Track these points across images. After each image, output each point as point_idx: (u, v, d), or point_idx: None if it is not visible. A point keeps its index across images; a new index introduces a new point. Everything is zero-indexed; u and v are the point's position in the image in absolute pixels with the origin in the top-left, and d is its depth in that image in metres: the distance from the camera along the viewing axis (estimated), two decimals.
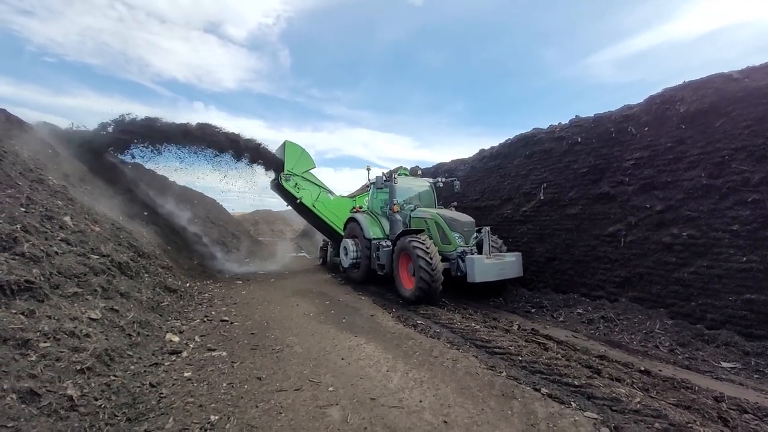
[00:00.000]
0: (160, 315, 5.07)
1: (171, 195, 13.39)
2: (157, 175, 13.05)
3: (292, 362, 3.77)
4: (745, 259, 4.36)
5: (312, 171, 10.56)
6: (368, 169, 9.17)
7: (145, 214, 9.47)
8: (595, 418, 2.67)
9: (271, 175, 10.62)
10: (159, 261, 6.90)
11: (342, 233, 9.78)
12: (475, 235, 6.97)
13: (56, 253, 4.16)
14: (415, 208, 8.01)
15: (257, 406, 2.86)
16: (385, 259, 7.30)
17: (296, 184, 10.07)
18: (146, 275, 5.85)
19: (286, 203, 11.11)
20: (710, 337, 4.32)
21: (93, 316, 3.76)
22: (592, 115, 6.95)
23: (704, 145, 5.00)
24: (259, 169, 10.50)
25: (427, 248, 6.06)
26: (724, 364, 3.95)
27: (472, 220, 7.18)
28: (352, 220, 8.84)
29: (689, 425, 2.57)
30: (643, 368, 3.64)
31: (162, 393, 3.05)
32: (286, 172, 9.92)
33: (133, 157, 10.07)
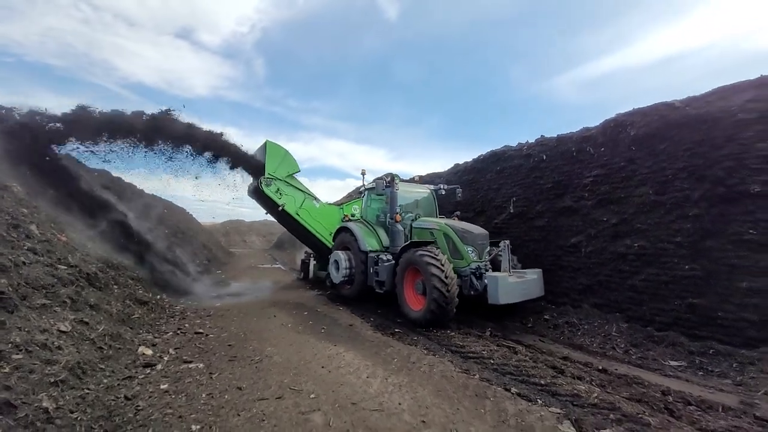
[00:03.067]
0: (131, 328, 4.91)
1: (139, 203, 12.90)
2: (123, 182, 12.57)
3: (272, 372, 3.80)
4: (687, 267, 4.88)
5: (296, 175, 9.49)
6: (363, 174, 8.47)
7: (109, 223, 8.94)
8: (559, 413, 2.93)
9: (249, 179, 9.45)
10: (128, 272, 6.68)
11: (328, 244, 9.11)
12: (488, 249, 6.33)
13: (23, 263, 4.01)
14: (416, 218, 7.26)
15: (239, 415, 2.89)
16: (385, 275, 6.53)
17: (278, 189, 8.95)
18: (115, 287, 5.66)
19: (265, 211, 10.00)
20: (659, 338, 4.77)
21: (63, 328, 3.63)
22: (555, 136, 7.55)
23: (651, 165, 5.59)
24: (234, 173, 9.13)
25: (442, 263, 5.37)
26: (672, 363, 4.37)
27: (486, 232, 6.55)
28: (344, 230, 8.05)
29: (639, 415, 2.88)
30: (601, 367, 3.98)
31: (138, 406, 3.00)
32: (267, 175, 8.78)
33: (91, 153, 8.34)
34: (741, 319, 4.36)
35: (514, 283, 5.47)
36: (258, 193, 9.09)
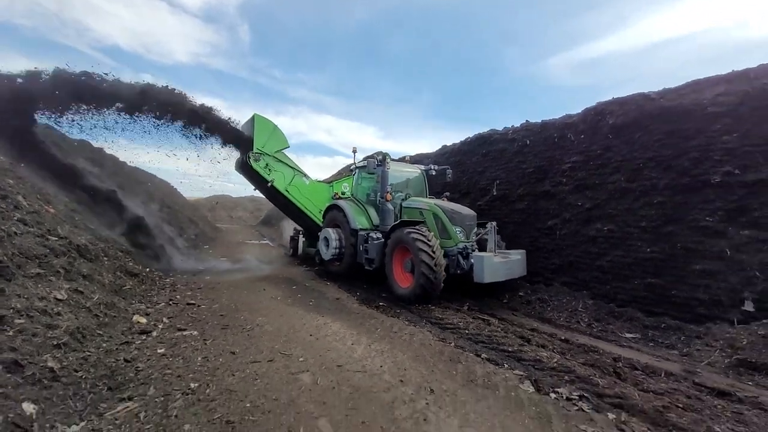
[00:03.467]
0: (124, 298, 5.06)
1: (121, 176, 12.68)
2: (105, 153, 12.28)
3: (263, 339, 4.07)
4: (649, 250, 5.30)
5: (285, 151, 9.27)
6: (354, 151, 8.44)
7: (93, 194, 8.84)
8: (521, 375, 3.31)
9: (235, 153, 9.25)
10: (117, 245, 6.74)
11: (318, 221, 9.18)
12: (476, 230, 6.57)
13: (15, 233, 4.07)
14: (406, 197, 7.42)
15: (234, 375, 3.15)
16: (375, 253, 6.72)
17: (267, 164, 8.78)
18: (105, 259, 5.74)
19: (253, 187, 9.89)
20: (619, 313, 5.24)
21: (59, 296, 3.77)
22: (540, 121, 7.76)
23: (625, 153, 5.91)
24: (220, 147, 8.88)
25: (430, 241, 5.58)
26: (627, 335, 4.85)
27: (474, 213, 6.74)
28: (334, 207, 8.15)
29: (590, 377, 3.28)
30: (564, 338, 4.41)
31: (138, 367, 3.23)
32: (255, 150, 8.58)
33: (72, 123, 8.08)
34: (692, 298, 4.83)
35: (499, 263, 5.73)
36: (246, 169, 8.91)
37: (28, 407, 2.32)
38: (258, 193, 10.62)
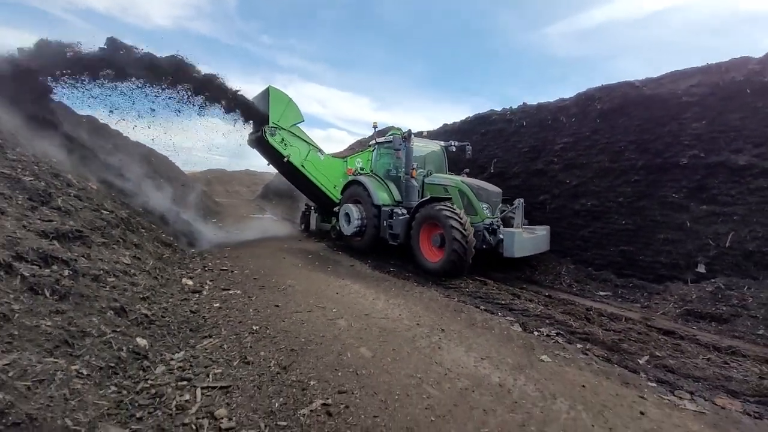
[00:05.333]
0: (167, 265, 5.77)
1: (128, 151, 12.99)
2: (110, 129, 12.52)
3: (297, 296, 4.85)
4: (624, 222, 6.13)
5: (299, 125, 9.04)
6: (375, 126, 8.36)
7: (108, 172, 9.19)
8: (512, 320, 4.18)
9: (248, 127, 9.08)
10: (149, 218, 7.36)
11: (333, 197, 9.25)
12: (500, 206, 6.76)
13: (75, 208, 4.68)
14: (428, 174, 7.51)
15: (284, 321, 3.93)
16: (399, 228, 6.79)
17: (283, 139, 8.57)
18: (143, 231, 6.39)
19: (267, 162, 9.84)
20: (596, 276, 6.14)
21: (126, 261, 4.47)
22: (536, 103, 8.34)
23: (610, 136, 6.60)
24: (231, 120, 8.66)
25: (462, 219, 5.73)
26: (601, 293, 5.76)
27: (500, 190, 6.90)
28: (355, 183, 8.15)
29: (566, 321, 4.16)
30: (547, 294, 5.31)
31: (204, 316, 3.98)
32: (271, 124, 8.37)
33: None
34: (656, 261, 5.72)
35: (527, 238, 6.01)
36: (261, 144, 8.76)
37: (141, 341, 3.07)
38: (253, 167, 10.65)
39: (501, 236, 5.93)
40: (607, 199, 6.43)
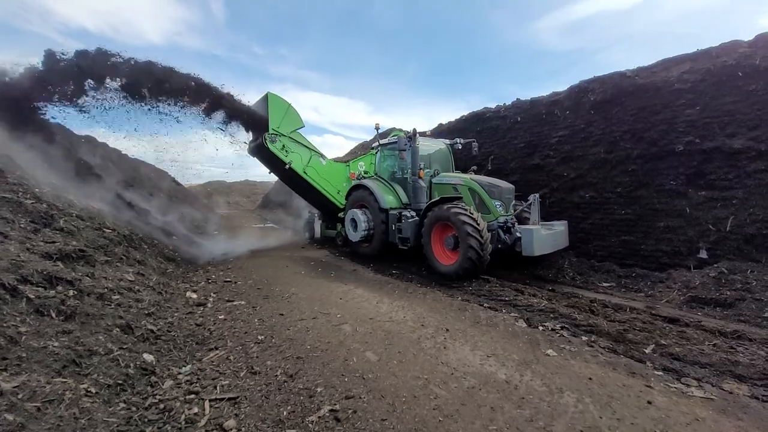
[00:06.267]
0: (171, 279, 5.80)
1: (132, 169, 13.08)
2: (109, 147, 12.63)
3: (301, 304, 4.86)
4: (623, 212, 6.13)
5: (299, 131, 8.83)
6: (377, 128, 8.14)
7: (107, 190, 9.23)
8: (516, 316, 4.18)
9: (247, 136, 8.88)
10: (151, 235, 7.40)
11: (337, 203, 9.03)
12: (514, 203, 6.52)
13: (78, 228, 4.73)
14: (435, 173, 7.27)
15: (288, 329, 3.95)
16: (410, 232, 6.53)
17: (284, 146, 8.39)
18: (146, 247, 6.43)
19: (268, 170, 9.59)
20: (598, 267, 6.14)
21: (129, 278, 4.51)
22: (529, 99, 8.37)
23: (604, 127, 6.61)
24: (230, 128, 8.48)
25: (476, 220, 5.49)
26: (604, 284, 5.75)
27: (512, 186, 6.63)
28: (360, 187, 7.88)
29: (571, 314, 4.15)
30: (551, 288, 5.30)
31: (210, 329, 4.01)
32: (271, 131, 8.18)
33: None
34: (657, 250, 5.71)
35: (546, 235, 5.73)
36: (262, 151, 8.53)
37: (148, 357, 3.09)
38: (251, 178, 10.66)
39: (518, 234, 5.68)
40: (605, 190, 6.44)
